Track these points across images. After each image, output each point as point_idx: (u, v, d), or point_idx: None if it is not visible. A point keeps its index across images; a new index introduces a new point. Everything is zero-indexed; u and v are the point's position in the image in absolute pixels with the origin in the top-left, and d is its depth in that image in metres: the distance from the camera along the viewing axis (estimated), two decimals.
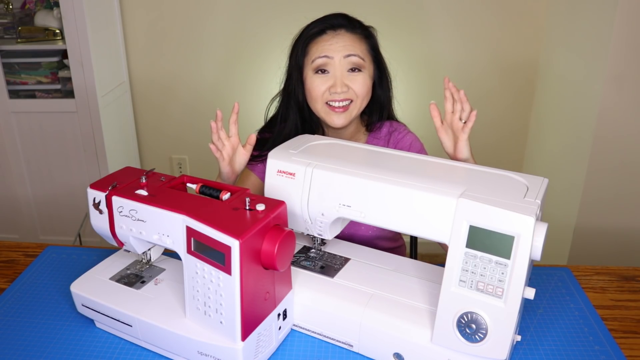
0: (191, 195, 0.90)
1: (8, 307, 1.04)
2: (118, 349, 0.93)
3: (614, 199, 1.87)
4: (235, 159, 1.16)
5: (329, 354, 0.93)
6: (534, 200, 0.79)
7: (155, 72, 2.53)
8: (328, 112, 1.22)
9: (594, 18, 1.84)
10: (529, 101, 2.43)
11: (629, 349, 0.94)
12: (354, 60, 1.19)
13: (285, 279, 0.91)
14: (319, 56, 1.20)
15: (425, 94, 2.43)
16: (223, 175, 1.18)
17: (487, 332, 0.79)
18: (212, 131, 1.14)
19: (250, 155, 1.17)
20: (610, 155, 1.82)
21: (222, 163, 1.15)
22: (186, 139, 2.61)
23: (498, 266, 0.78)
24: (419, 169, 0.92)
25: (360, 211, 0.90)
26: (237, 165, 1.17)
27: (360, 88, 1.21)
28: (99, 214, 0.94)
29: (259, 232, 0.80)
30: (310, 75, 1.22)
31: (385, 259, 1.04)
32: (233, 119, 1.15)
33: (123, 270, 1.02)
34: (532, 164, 2.44)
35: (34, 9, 2.31)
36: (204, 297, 0.84)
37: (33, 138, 2.32)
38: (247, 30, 2.41)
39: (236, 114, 1.15)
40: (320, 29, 1.22)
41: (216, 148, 1.14)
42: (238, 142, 1.16)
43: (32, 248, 1.25)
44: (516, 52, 2.35)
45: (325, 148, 1.02)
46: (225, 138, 1.14)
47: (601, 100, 1.76)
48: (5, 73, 2.22)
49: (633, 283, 1.13)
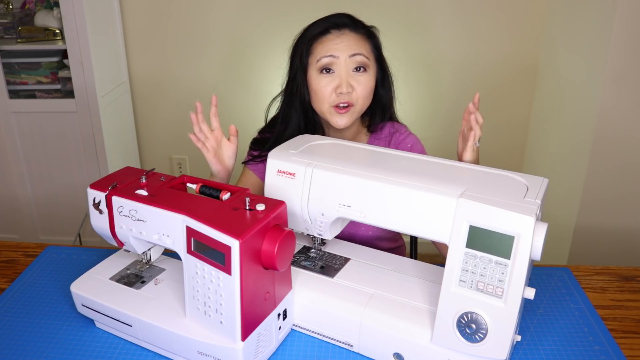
0: (191, 195, 0.90)
1: (8, 307, 1.04)
2: (118, 349, 0.93)
3: (614, 199, 1.87)
4: (222, 152, 1.18)
5: (329, 354, 0.93)
6: (534, 200, 0.79)
7: (155, 72, 2.53)
8: (332, 113, 1.21)
9: (594, 18, 1.84)
10: (529, 101, 2.43)
11: (629, 349, 0.94)
12: (359, 59, 1.19)
13: (285, 279, 0.91)
14: (325, 55, 1.19)
15: (426, 94, 2.43)
16: (214, 172, 1.18)
17: (487, 332, 0.79)
18: (192, 122, 1.15)
19: (236, 146, 1.19)
20: (610, 155, 1.82)
21: (208, 155, 1.16)
22: (186, 139, 2.57)
23: (498, 266, 0.78)
24: (419, 169, 0.92)
25: (360, 211, 0.90)
26: (226, 158, 1.18)
27: (363, 89, 1.20)
28: (99, 214, 0.94)
29: (259, 232, 0.80)
30: (315, 75, 1.21)
31: (385, 259, 1.04)
32: (213, 111, 1.16)
33: (123, 270, 1.02)
34: (532, 164, 2.44)
35: (34, 9, 2.31)
36: (204, 297, 0.84)
37: (33, 138, 2.32)
38: (247, 30, 2.41)
39: (215, 107, 1.16)
40: (325, 28, 1.21)
41: (197, 138, 1.16)
42: (222, 135, 1.18)
43: (32, 248, 1.25)
44: (517, 52, 2.35)
45: (325, 148, 1.02)
46: (207, 131, 1.15)
47: (601, 101, 1.76)
48: (5, 73, 2.22)
49: (633, 283, 1.13)
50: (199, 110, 1.15)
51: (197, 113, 1.15)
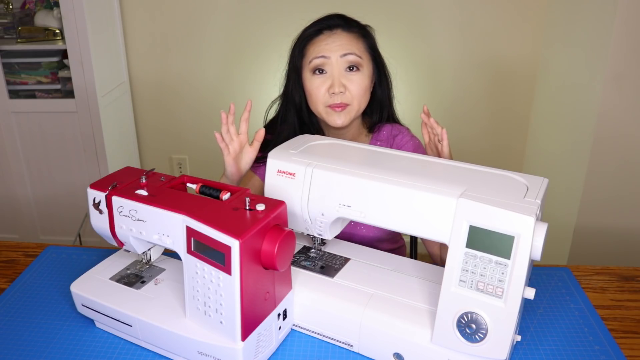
0: (191, 195, 0.90)
1: (8, 307, 1.04)
2: (118, 349, 0.93)
3: (614, 199, 1.87)
4: (242, 157, 1.15)
5: (329, 354, 0.93)
6: (534, 200, 0.79)
7: (155, 72, 2.53)
8: (329, 112, 1.21)
9: (594, 18, 1.84)
10: (529, 101, 2.43)
11: (629, 349, 0.94)
12: (350, 59, 1.19)
13: (285, 279, 0.91)
14: (316, 56, 1.19)
15: (425, 93, 2.43)
16: (228, 174, 1.16)
17: (487, 332, 0.79)
18: (221, 122, 1.12)
19: (256, 152, 1.16)
20: (610, 155, 1.82)
21: (227, 157, 1.13)
22: (186, 139, 2.61)
23: (498, 266, 0.78)
24: (419, 169, 0.92)
25: (360, 211, 0.90)
26: (243, 163, 1.16)
27: (357, 88, 1.20)
28: (99, 214, 0.94)
29: (259, 232, 0.80)
30: (308, 76, 1.22)
31: (385, 259, 1.04)
32: (245, 116, 1.14)
33: (123, 270, 1.02)
34: (532, 164, 2.44)
35: (34, 9, 2.31)
36: (204, 297, 0.84)
37: (33, 138, 2.32)
38: (247, 30, 2.41)
39: (248, 112, 1.14)
40: (317, 29, 1.22)
41: (221, 138, 1.13)
42: (246, 140, 1.15)
43: (32, 248, 1.25)
44: (516, 51, 2.35)
45: (325, 148, 1.02)
46: (234, 134, 1.13)
47: (601, 100, 1.76)
48: (5, 73, 2.22)
49: (633, 283, 1.13)
50: (231, 112, 1.12)
51: (228, 114, 1.12)
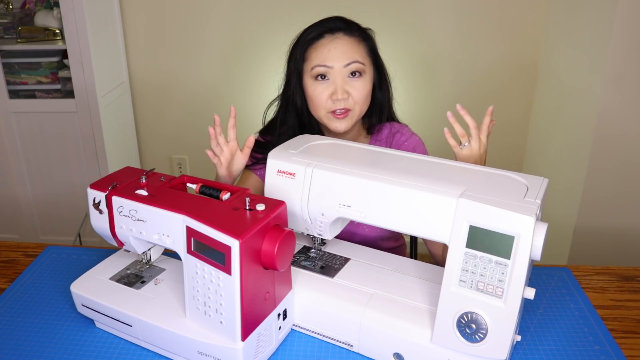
0: (191, 195, 0.90)
1: (8, 307, 1.04)
2: (118, 349, 0.93)
3: (614, 199, 1.87)
4: (233, 163, 1.15)
5: (329, 354, 0.93)
6: (534, 200, 0.79)
7: (155, 72, 2.53)
8: (331, 119, 1.21)
9: (594, 18, 1.84)
10: (529, 101, 2.43)
11: (629, 349, 0.94)
12: (354, 67, 1.19)
13: (285, 279, 0.91)
14: (319, 64, 1.18)
15: (425, 94, 2.43)
16: (220, 179, 1.17)
17: (487, 332, 0.79)
18: (210, 137, 1.12)
19: (247, 158, 1.16)
20: (610, 155, 1.82)
21: (220, 169, 1.14)
22: (186, 139, 2.61)
23: (498, 266, 0.78)
24: (419, 169, 0.92)
25: (360, 211, 0.90)
26: (235, 169, 1.16)
27: (359, 94, 1.20)
28: (99, 214, 0.94)
29: (259, 232, 0.80)
30: (310, 82, 1.21)
31: (385, 259, 1.04)
32: (231, 123, 1.13)
33: (123, 270, 1.02)
34: (532, 164, 2.44)
35: (34, 9, 2.31)
36: (204, 297, 0.84)
37: (33, 138, 2.32)
38: (246, 31, 2.41)
39: (234, 118, 1.13)
40: (318, 33, 1.21)
41: (213, 154, 1.13)
42: (236, 147, 1.14)
43: (32, 248, 1.25)
44: (516, 52, 2.35)
45: (325, 148, 1.02)
46: (223, 143, 1.12)
47: (601, 100, 1.76)
48: (5, 73, 2.22)
49: (633, 283, 1.13)
50: (217, 124, 1.12)
51: (215, 126, 1.11)
